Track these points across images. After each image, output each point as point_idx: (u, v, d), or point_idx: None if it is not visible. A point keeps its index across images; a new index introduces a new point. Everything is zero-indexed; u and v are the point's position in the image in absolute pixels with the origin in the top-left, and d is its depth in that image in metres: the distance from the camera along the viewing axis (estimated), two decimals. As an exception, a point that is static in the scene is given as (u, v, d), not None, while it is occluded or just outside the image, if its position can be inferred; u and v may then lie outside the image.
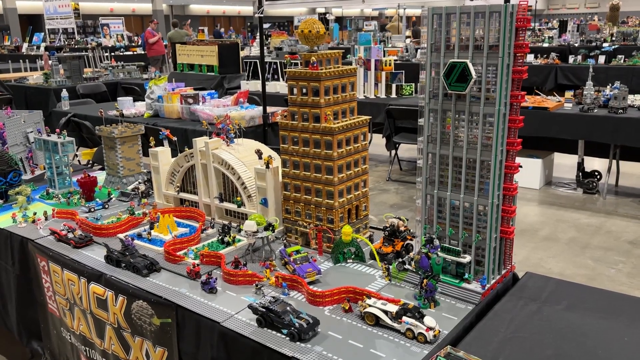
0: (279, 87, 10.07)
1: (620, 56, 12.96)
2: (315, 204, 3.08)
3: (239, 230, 3.32)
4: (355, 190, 3.15)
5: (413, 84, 9.13)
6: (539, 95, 8.34)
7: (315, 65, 2.89)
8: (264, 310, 2.37)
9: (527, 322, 2.37)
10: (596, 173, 7.90)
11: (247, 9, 38.29)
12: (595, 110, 7.24)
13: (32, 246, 3.40)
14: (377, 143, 9.36)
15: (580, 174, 7.90)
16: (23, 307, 3.72)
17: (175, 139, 3.97)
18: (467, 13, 2.39)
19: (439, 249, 2.51)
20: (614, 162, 7.66)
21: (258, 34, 6.60)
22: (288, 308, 2.36)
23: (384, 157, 9.86)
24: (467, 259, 2.59)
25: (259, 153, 3.27)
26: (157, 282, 2.82)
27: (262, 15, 6.37)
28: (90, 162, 6.47)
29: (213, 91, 7.63)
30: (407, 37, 19.90)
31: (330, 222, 3.05)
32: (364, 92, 8.99)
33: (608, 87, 7.41)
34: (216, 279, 2.71)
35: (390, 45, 16.23)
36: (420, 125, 2.66)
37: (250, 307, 2.43)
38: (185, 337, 2.63)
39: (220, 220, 3.55)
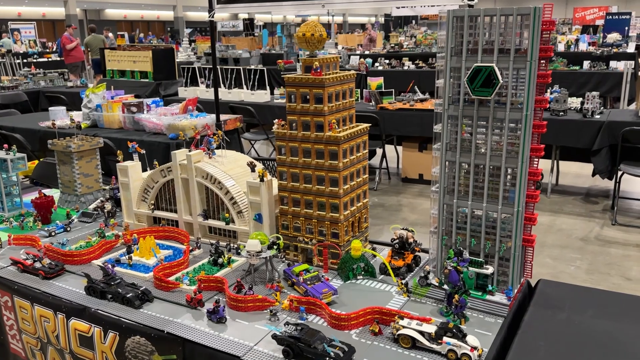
0: (220, 93, 9.71)
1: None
2: (317, 217, 2.88)
3: (230, 250, 3.07)
4: (357, 201, 2.99)
5: (358, 90, 9.11)
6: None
7: (319, 70, 2.71)
8: (292, 339, 2.15)
9: (563, 333, 2.30)
10: (538, 173, 8.19)
11: (167, 14, 37.13)
12: (538, 113, 7.50)
13: (-12, 279, 2.96)
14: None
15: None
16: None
17: (143, 151, 3.63)
18: (492, 15, 2.30)
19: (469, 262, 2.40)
20: (555, 162, 7.98)
21: (210, 37, 6.30)
22: (318, 335, 2.16)
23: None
24: (490, 270, 2.50)
25: (252, 165, 3.03)
26: (152, 313, 2.52)
27: (213, 18, 6.08)
28: (30, 179, 5.87)
29: (158, 99, 7.20)
30: (336, 43, 20.04)
31: (334, 236, 2.86)
32: (310, 98, 8.85)
33: (548, 90, 7.72)
34: (224, 306, 2.45)
35: (323, 52, 16.22)
36: (436, 132, 2.55)
37: (275, 337, 2.20)
38: (194, 374, 2.35)
39: (206, 239, 3.27)
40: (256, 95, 9.38)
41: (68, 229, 3.52)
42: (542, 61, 2.31)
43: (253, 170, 3.03)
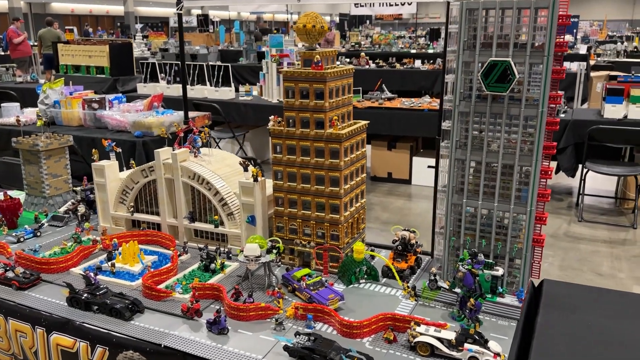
0: (181, 89, 9.39)
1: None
2: (316, 219, 2.74)
3: (220, 254, 2.88)
4: (356, 201, 2.87)
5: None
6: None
7: (320, 64, 2.57)
8: (306, 351, 2.01)
9: (579, 335, 2.25)
10: (503, 171, 8.31)
11: (117, 9, 35.94)
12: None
13: (-48, 291, 2.67)
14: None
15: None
16: None
17: (120, 150, 3.39)
18: (508, 8, 2.22)
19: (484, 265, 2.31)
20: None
21: (178, 32, 6.02)
22: (334, 346, 2.02)
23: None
24: (500, 271, 2.43)
25: (245, 165, 2.86)
26: (145, 325, 2.32)
27: (181, 12, 5.81)
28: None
29: (120, 95, 6.86)
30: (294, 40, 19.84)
31: (334, 238, 2.73)
32: (278, 96, 8.68)
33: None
34: (225, 316, 2.28)
35: (291, 49, 16.03)
36: (445, 129, 2.45)
37: (286, 348, 2.05)
38: (195, 391, 2.17)
39: (193, 243, 3.07)
40: (220, 92, 9.11)
41: (38, 234, 3.24)
42: (557, 57, 2.25)
43: (246, 170, 2.86)
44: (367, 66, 12.18)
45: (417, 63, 14.92)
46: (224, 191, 2.92)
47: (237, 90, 9.50)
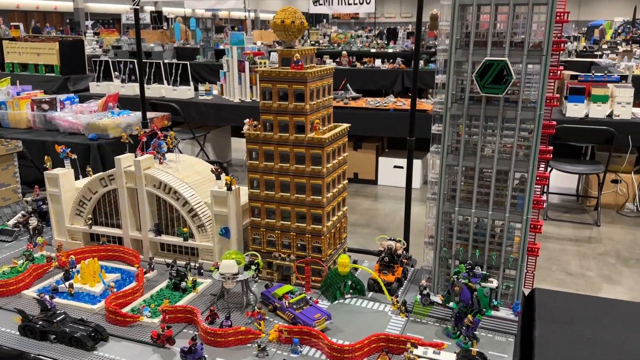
0: (137, 88, 8.99)
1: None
2: (296, 230, 2.55)
3: (190, 269, 2.65)
4: (338, 210, 2.69)
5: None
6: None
7: (300, 63, 2.37)
8: (296, 382, 1.81)
9: (581, 350, 2.13)
10: (468, 170, 8.30)
11: (66, 5, 34.59)
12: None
13: None
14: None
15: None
16: None
17: (75, 156, 3.09)
18: (504, 4, 2.07)
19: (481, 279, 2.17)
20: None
21: (135, 28, 5.67)
22: (327, 375, 1.84)
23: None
24: (494, 283, 2.29)
25: (218, 172, 2.63)
26: (110, 356, 2.07)
27: (138, 7, 5.49)
28: None
29: (72, 95, 6.46)
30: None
31: (316, 250, 2.54)
32: (240, 95, 8.41)
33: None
34: (202, 344, 2.05)
35: (252, 47, 15.71)
36: (435, 133, 2.29)
37: (274, 379, 1.85)
38: None
39: (159, 258, 2.81)
40: (179, 91, 8.77)
41: (-17, 251, 2.93)
42: (554, 55, 2.13)
43: (218, 178, 2.63)
44: (348, 66, 12.04)
45: (377, 62, 14.89)
46: (193, 201, 2.68)
47: (196, 89, 9.17)
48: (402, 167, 7.78)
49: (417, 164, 8.22)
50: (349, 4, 17.43)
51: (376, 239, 2.68)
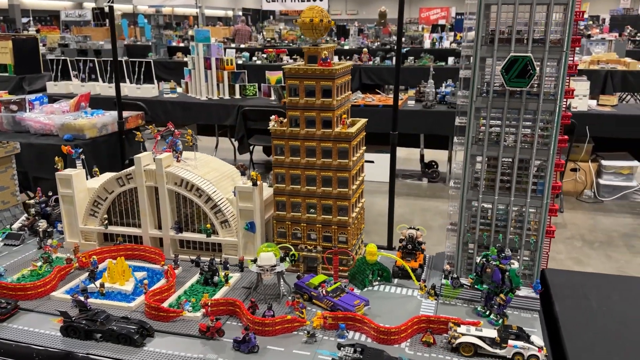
0: (98, 88, 8.77)
1: (410, 57, 14.36)
2: (322, 222, 2.63)
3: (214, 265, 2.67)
4: (358, 202, 2.79)
5: (256, 84, 8.77)
6: (381, 94, 8.73)
7: (327, 60, 2.45)
8: (359, 364, 1.90)
9: (605, 322, 2.32)
10: (433, 163, 8.58)
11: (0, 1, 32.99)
12: (436, 106, 7.81)
13: None
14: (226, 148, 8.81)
15: (422, 165, 8.50)
16: None
17: (83, 157, 3.05)
18: (526, 4, 2.22)
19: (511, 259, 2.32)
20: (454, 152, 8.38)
21: (109, 25, 5.54)
22: (384, 356, 1.94)
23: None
24: (515, 264, 2.45)
25: (243, 168, 2.68)
26: (160, 350, 2.09)
27: (112, 4, 5.38)
28: None
29: (41, 95, 6.25)
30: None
31: (342, 241, 2.63)
32: (207, 93, 8.34)
33: (444, 84, 8.07)
34: (254, 334, 2.11)
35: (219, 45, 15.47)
36: (459, 125, 2.43)
37: (336, 364, 1.93)
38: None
39: (183, 255, 2.82)
40: (143, 89, 8.60)
41: (-7, 255, 2.85)
42: (573, 51, 2.30)
43: (243, 174, 2.67)
44: (370, 62, 12.15)
45: (335, 59, 14.94)
46: (216, 197, 2.72)
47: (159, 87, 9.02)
48: (372, 162, 7.94)
49: (386, 158, 8.40)
50: (302, 1, 17.51)
51: (397, 228, 2.79)
